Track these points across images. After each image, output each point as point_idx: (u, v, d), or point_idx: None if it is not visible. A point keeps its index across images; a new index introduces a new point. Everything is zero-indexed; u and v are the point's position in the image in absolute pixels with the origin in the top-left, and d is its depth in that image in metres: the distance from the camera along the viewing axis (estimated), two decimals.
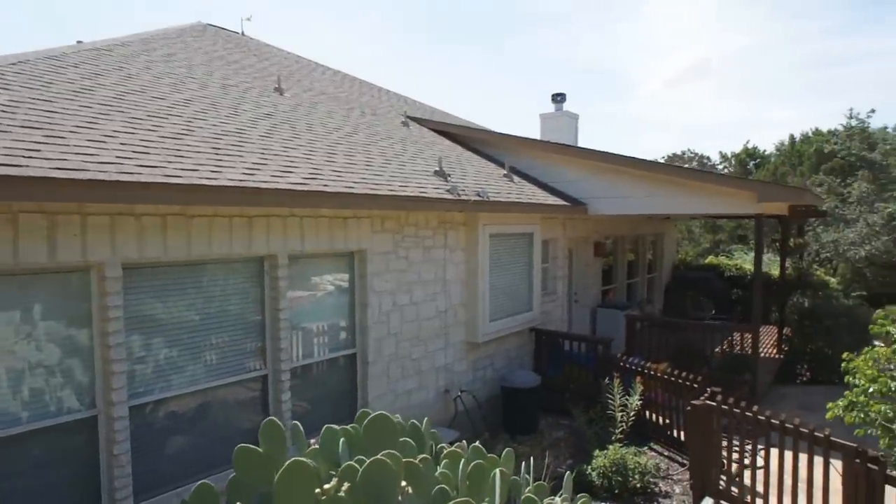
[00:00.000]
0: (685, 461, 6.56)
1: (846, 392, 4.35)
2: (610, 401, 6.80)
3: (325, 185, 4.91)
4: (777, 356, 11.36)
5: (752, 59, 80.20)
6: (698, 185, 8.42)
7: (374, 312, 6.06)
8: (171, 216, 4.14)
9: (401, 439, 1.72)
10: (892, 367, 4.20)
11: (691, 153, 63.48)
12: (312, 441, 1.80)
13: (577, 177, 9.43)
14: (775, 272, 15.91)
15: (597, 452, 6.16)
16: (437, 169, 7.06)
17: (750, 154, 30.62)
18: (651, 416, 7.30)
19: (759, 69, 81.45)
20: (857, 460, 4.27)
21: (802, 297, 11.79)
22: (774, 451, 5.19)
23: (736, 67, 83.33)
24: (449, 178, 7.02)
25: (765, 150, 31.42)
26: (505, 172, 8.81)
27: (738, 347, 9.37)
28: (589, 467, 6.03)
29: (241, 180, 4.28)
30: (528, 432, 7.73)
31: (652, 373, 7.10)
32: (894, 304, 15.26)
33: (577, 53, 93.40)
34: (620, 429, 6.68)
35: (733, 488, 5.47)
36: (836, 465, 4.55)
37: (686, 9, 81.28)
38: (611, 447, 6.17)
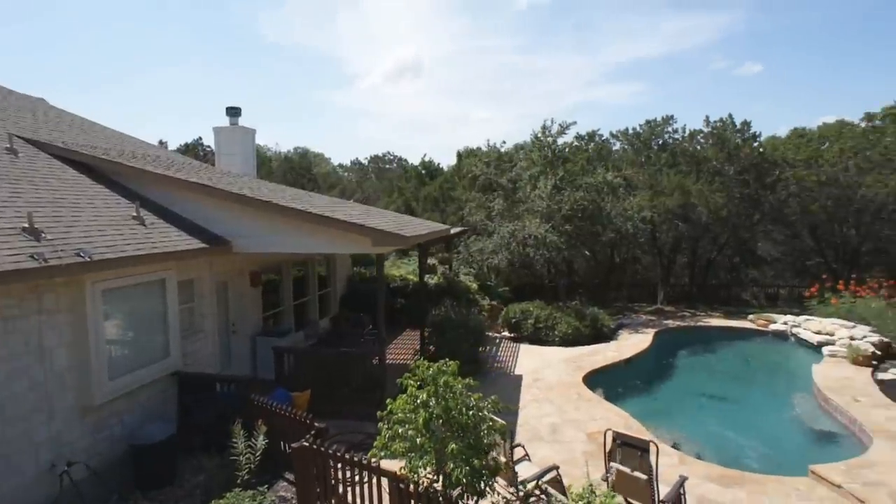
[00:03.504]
0: None
1: (379, 435, 5.51)
2: (234, 445, 7.13)
3: None
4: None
5: (460, 63, 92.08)
6: (332, 229, 9.24)
7: None
8: None
9: None
10: (409, 413, 5.43)
11: (391, 155, 68.52)
12: None
13: (222, 215, 9.47)
14: (432, 280, 18.58)
15: (213, 502, 6.43)
16: (27, 225, 6.36)
17: (426, 167, 34.84)
18: (284, 447, 7.89)
19: (464, 73, 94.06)
20: (395, 482, 5.49)
21: (442, 306, 14.02)
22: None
23: (445, 69, 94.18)
24: (43, 236, 6.39)
25: (439, 164, 36.26)
26: (134, 214, 8.39)
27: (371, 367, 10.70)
28: None
29: None
30: (164, 485, 7.62)
31: (274, 410, 7.69)
32: (533, 298, 19.19)
33: (294, 39, 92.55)
34: (246, 470, 7.07)
35: None
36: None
37: (401, 7, 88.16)
38: (229, 494, 6.51)
